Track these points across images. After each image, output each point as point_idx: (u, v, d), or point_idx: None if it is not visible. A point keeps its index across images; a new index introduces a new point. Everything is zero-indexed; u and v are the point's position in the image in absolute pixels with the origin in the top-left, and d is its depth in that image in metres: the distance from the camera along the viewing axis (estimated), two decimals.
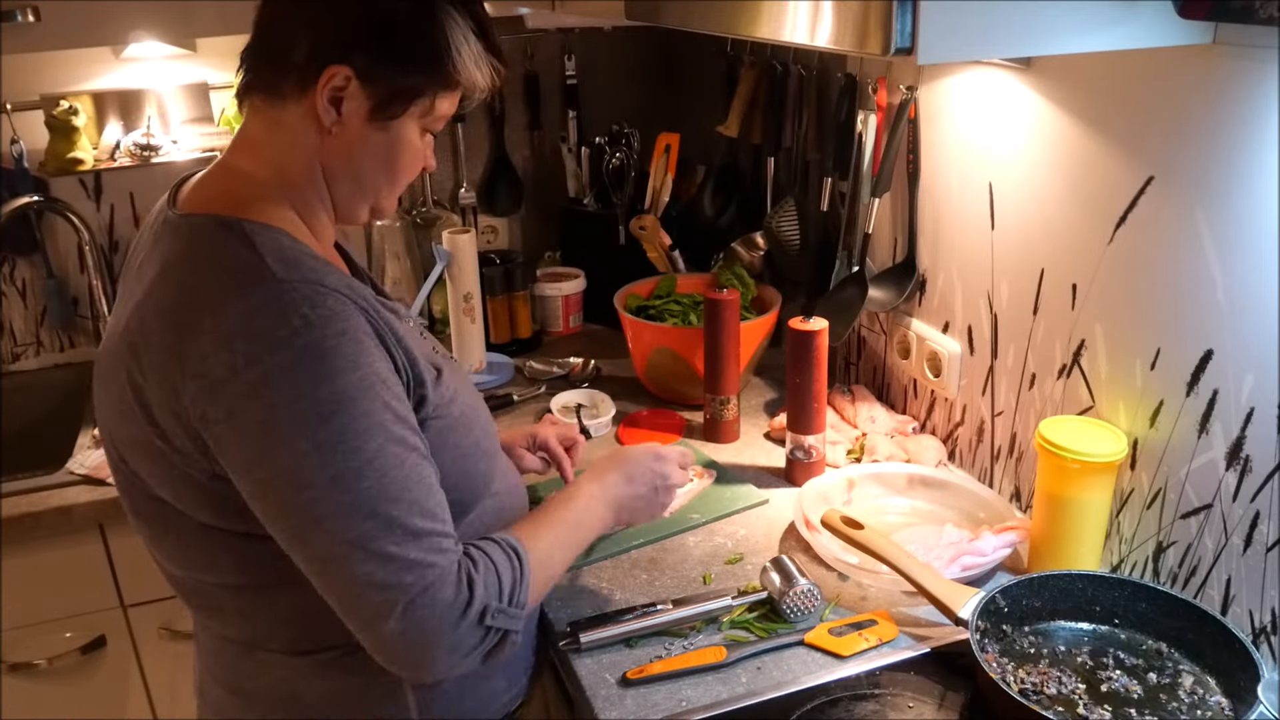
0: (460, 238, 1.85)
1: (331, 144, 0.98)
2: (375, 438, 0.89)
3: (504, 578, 0.97)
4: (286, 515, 0.90)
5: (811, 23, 0.94)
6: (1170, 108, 1.10)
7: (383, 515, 0.89)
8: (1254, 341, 1.06)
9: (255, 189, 0.98)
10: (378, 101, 0.97)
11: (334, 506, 0.88)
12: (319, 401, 0.87)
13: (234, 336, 0.87)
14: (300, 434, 0.87)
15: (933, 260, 1.55)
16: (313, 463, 0.87)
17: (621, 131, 2.10)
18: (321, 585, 0.92)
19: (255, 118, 1.00)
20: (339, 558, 0.89)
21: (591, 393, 1.80)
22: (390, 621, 0.89)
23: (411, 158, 1.03)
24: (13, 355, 2.10)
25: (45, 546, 1.63)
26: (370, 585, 0.89)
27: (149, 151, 1.98)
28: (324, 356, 0.87)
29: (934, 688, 1.11)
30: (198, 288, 0.91)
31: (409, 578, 0.89)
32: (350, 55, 0.94)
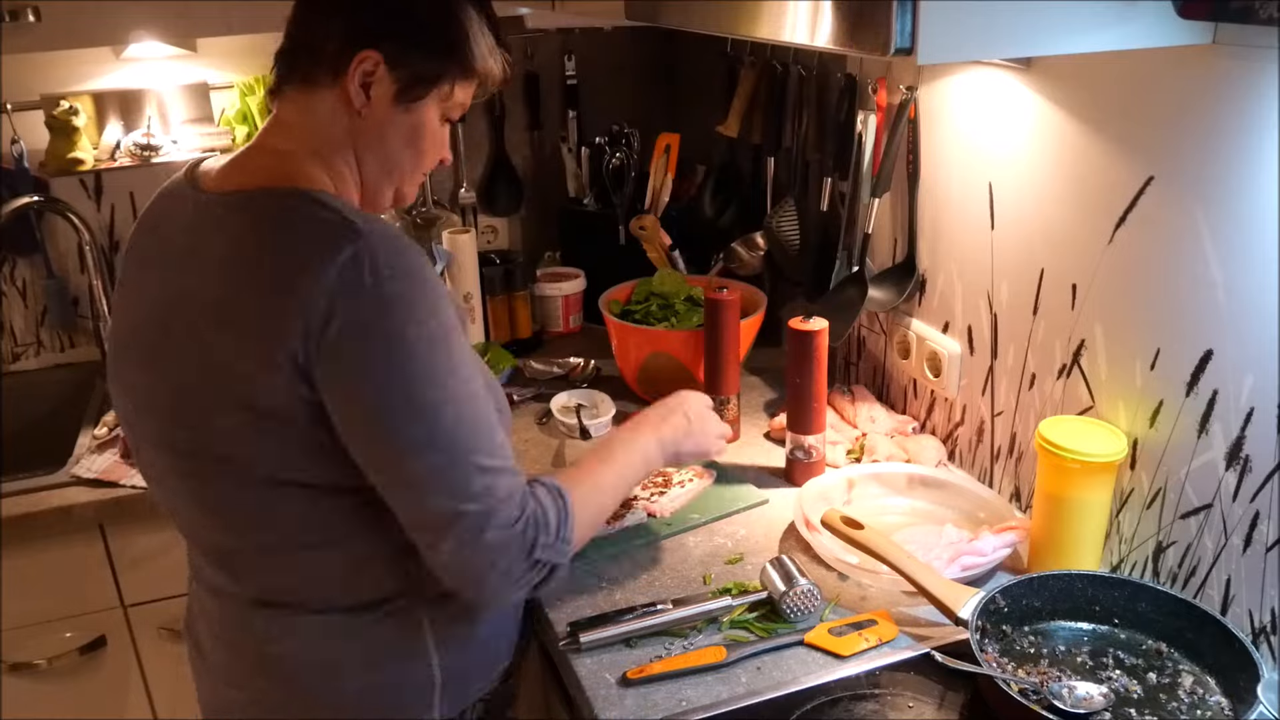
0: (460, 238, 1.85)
1: (361, 125, 1.07)
2: (454, 376, 0.98)
3: (550, 515, 1.05)
4: (376, 444, 0.98)
5: (811, 23, 0.94)
6: (1170, 108, 1.10)
7: (454, 447, 0.98)
8: (1254, 341, 1.06)
9: (299, 165, 1.06)
10: (403, 85, 1.06)
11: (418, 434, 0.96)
12: (410, 341, 0.95)
13: (339, 283, 0.93)
14: (397, 369, 0.95)
15: (933, 260, 1.55)
16: (405, 396, 0.96)
17: (621, 131, 2.10)
18: (402, 501, 1.00)
19: (289, 106, 1.08)
20: (417, 482, 0.98)
21: (591, 393, 1.80)
22: (452, 541, 0.98)
23: (433, 141, 1.12)
24: (13, 355, 2.10)
25: (45, 546, 1.63)
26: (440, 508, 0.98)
27: (149, 151, 1.98)
28: (411, 301, 0.96)
29: (934, 688, 1.11)
30: (292, 251, 0.96)
31: (471, 506, 0.98)
32: (379, 42, 1.04)
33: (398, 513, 1.01)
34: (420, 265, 0.99)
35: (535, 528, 1.02)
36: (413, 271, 0.97)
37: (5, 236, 1.98)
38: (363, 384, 0.95)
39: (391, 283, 0.95)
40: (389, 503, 1.01)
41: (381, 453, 0.98)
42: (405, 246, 0.98)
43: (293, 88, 1.07)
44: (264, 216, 1.01)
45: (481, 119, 2.26)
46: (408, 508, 1.00)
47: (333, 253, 0.95)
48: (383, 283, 0.94)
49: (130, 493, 1.64)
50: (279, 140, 1.08)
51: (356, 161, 1.10)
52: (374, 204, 1.13)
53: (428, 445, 0.97)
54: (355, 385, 0.96)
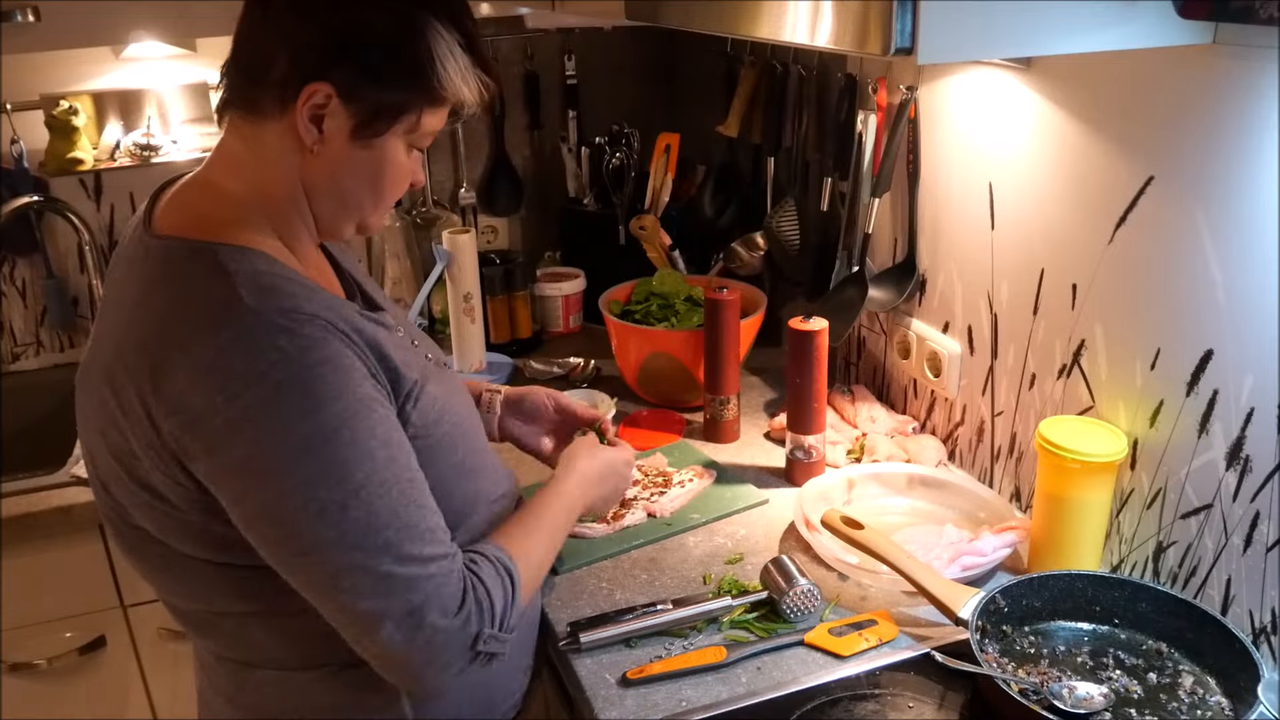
0: (460, 238, 1.85)
1: (313, 163, 0.95)
2: (362, 467, 0.88)
3: (496, 603, 0.96)
4: (275, 546, 0.90)
5: (811, 23, 0.94)
6: (1170, 108, 1.10)
7: (371, 544, 0.88)
8: (1254, 341, 1.06)
9: (233, 210, 0.96)
10: (361, 120, 0.94)
11: (322, 539, 0.87)
12: (302, 436, 0.86)
13: (210, 372, 0.85)
14: (285, 470, 0.86)
15: (933, 260, 1.55)
16: (298, 498, 0.86)
17: (621, 131, 2.10)
18: (318, 606, 0.92)
19: (233, 134, 0.97)
20: (329, 586, 0.89)
21: (591, 393, 1.80)
22: (379, 643, 0.90)
23: (397, 176, 1.00)
24: (13, 355, 2.10)
25: (45, 546, 1.63)
26: (359, 609, 0.89)
27: (149, 151, 1.98)
28: (305, 388, 0.86)
29: (934, 688, 1.11)
30: (170, 322, 0.88)
31: (395, 602, 0.89)
32: (331, 72, 0.91)
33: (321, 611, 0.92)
34: (319, 343, 0.87)
35: (480, 619, 0.94)
36: (307, 354, 0.86)
37: (5, 236, 1.98)
38: (253, 486, 0.86)
39: (281, 368, 0.85)
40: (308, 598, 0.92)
41: (286, 557, 0.90)
42: (300, 325, 0.87)
43: (237, 112, 0.96)
44: (165, 273, 0.91)
45: (481, 119, 2.26)
46: (328, 609, 0.91)
47: (212, 334, 0.85)
48: (269, 371, 0.84)
49: None
50: (223, 177, 0.97)
51: (309, 201, 0.98)
52: (333, 237, 1.04)
53: (338, 545, 0.87)
54: (244, 487, 0.87)
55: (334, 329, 0.90)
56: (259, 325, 0.86)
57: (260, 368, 0.85)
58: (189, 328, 0.87)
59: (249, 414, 0.84)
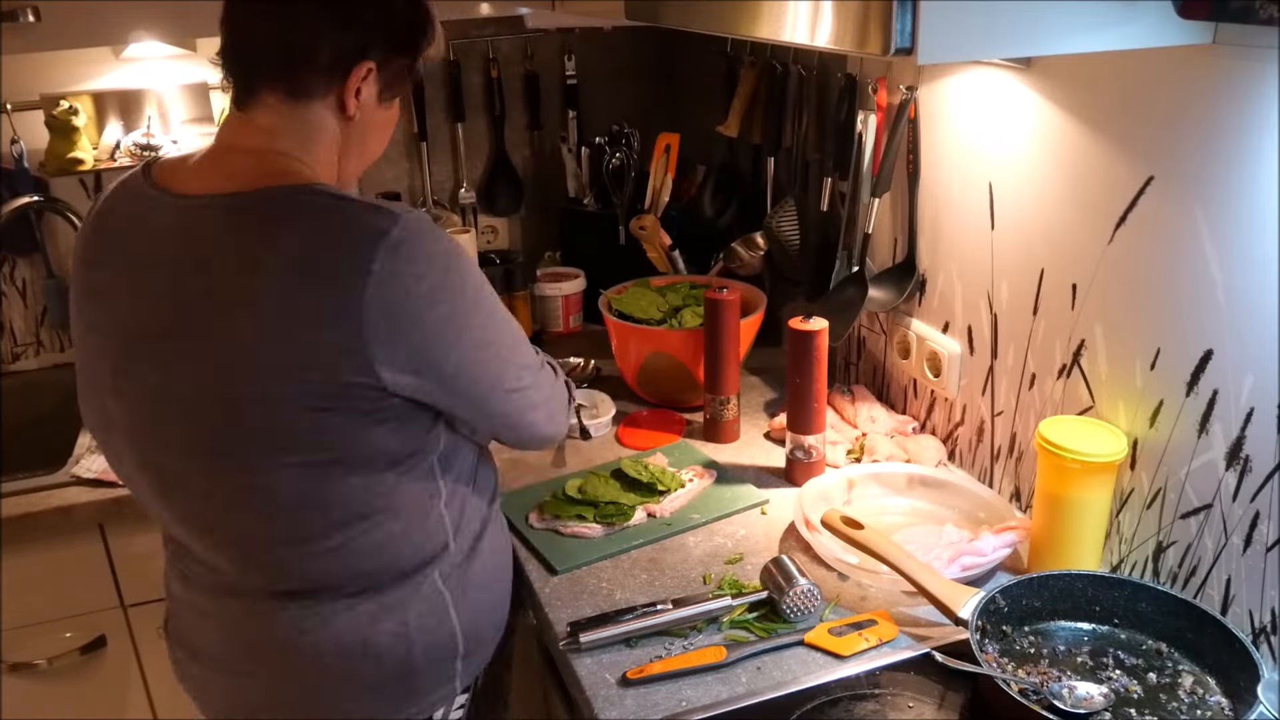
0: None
1: (348, 128, 1.12)
2: (497, 298, 1.14)
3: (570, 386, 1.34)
4: (485, 370, 1.10)
5: (811, 23, 0.94)
6: (1170, 108, 1.10)
7: (522, 344, 1.18)
8: (1254, 341, 1.06)
9: (286, 162, 1.07)
10: (385, 85, 1.12)
11: (507, 346, 1.14)
12: (475, 284, 1.08)
13: (393, 269, 0.99)
14: (474, 309, 1.08)
15: (933, 260, 1.55)
16: (492, 323, 1.11)
17: (621, 131, 2.11)
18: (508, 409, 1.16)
19: (268, 113, 1.08)
20: (515, 378, 1.15)
21: (591, 393, 1.80)
22: (548, 407, 1.22)
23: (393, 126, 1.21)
24: (13, 355, 2.10)
25: (45, 546, 1.63)
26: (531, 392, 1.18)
27: (149, 151, 1.98)
28: (458, 254, 1.06)
29: (934, 688, 1.11)
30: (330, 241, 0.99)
31: (547, 381, 1.24)
32: (370, 51, 1.07)
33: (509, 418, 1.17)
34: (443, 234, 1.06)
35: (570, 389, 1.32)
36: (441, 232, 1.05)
37: (5, 236, 1.98)
38: (462, 328, 1.06)
39: (440, 251, 1.03)
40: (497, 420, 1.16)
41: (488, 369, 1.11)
42: (423, 214, 1.05)
43: (277, 96, 1.07)
44: (294, 211, 1.02)
45: (481, 119, 2.27)
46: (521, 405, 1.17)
47: (379, 241, 0.99)
48: (434, 254, 1.02)
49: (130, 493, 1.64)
50: (255, 140, 1.08)
51: (338, 158, 1.13)
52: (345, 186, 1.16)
53: (513, 346, 1.15)
54: (455, 334, 1.05)
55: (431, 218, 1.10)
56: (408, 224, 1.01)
57: (427, 250, 1.02)
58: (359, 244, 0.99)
59: (437, 283, 1.03)
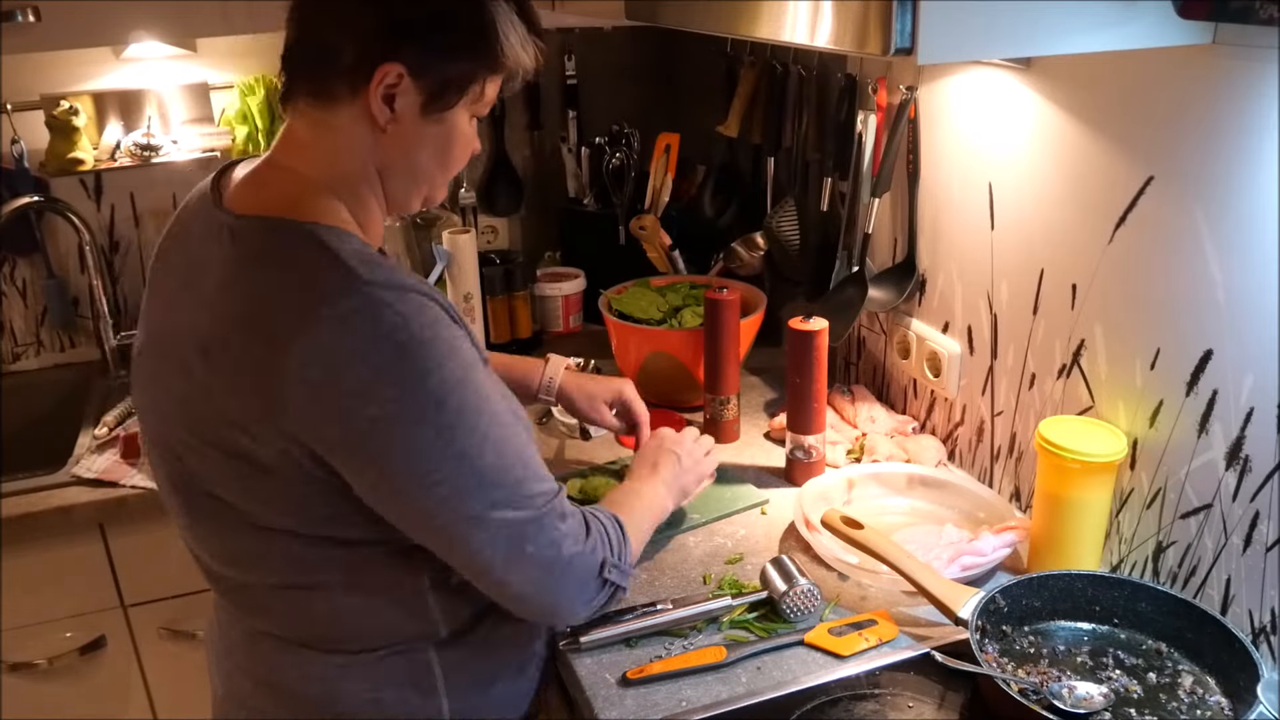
0: (460, 238, 1.85)
1: (387, 142, 0.98)
2: (484, 414, 0.94)
3: (612, 536, 1.06)
4: (411, 502, 0.93)
5: (811, 23, 0.94)
6: (1170, 108, 1.10)
7: (506, 482, 0.95)
8: (1254, 341, 1.06)
9: (314, 191, 0.97)
10: (430, 95, 0.96)
11: (462, 485, 0.93)
12: (431, 390, 0.90)
13: (335, 342, 0.88)
14: (421, 420, 0.90)
15: (933, 260, 1.55)
16: (438, 448, 0.91)
17: (621, 131, 2.10)
18: (452, 555, 0.97)
19: (301, 121, 0.99)
20: (471, 530, 0.94)
21: None
22: (521, 576, 0.97)
23: (464, 145, 1.05)
24: (13, 355, 2.10)
25: (45, 546, 1.63)
26: (501, 547, 0.95)
27: (149, 151, 1.98)
28: (425, 347, 0.90)
29: (934, 688, 1.11)
30: (280, 296, 0.90)
31: (536, 534, 0.97)
32: (400, 52, 0.93)
33: (454, 561, 0.98)
34: (427, 307, 0.91)
35: (604, 545, 1.04)
36: (420, 316, 0.90)
37: (5, 236, 1.98)
38: (389, 445, 0.90)
39: (401, 331, 0.88)
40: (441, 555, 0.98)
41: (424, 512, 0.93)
42: (407, 292, 0.91)
43: (305, 100, 0.97)
44: (262, 251, 0.93)
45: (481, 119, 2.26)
46: (465, 556, 0.96)
47: (328, 306, 0.88)
48: (390, 334, 0.88)
49: (130, 493, 1.64)
50: (295, 160, 0.99)
51: (380, 177, 1.00)
52: (402, 211, 1.07)
53: (477, 489, 0.93)
54: (379, 447, 0.90)
55: (430, 297, 0.94)
56: (374, 295, 0.89)
57: (381, 331, 0.88)
58: (304, 301, 0.89)
59: (378, 376, 0.88)
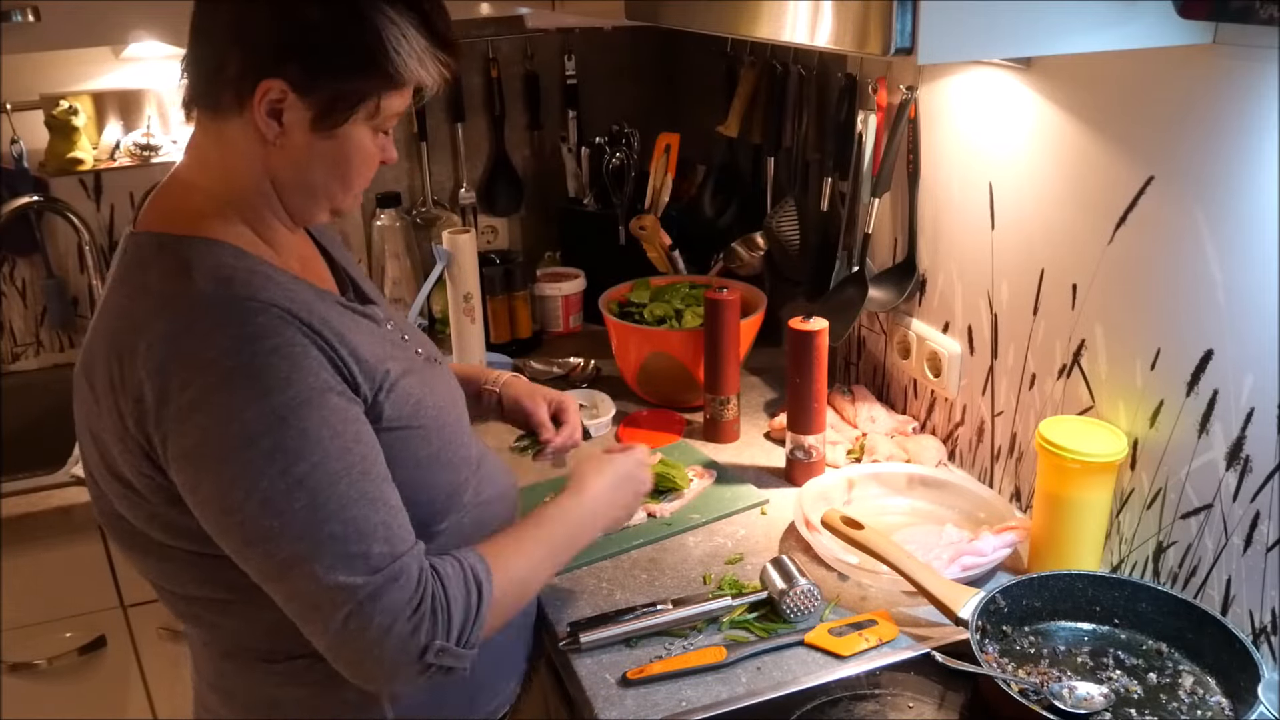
0: (460, 238, 1.85)
1: (277, 156, 0.96)
2: (307, 457, 0.87)
3: (455, 616, 0.93)
4: (224, 535, 0.90)
5: (811, 23, 0.94)
6: (1170, 108, 1.10)
7: (315, 536, 0.87)
8: (1254, 341, 1.06)
9: (204, 204, 0.96)
10: (319, 110, 0.93)
11: (266, 529, 0.87)
12: (246, 423, 0.86)
13: (164, 360, 0.86)
14: (229, 457, 0.86)
15: (933, 260, 1.55)
16: (243, 486, 0.86)
17: (621, 131, 2.10)
18: (270, 588, 0.92)
19: (200, 130, 0.98)
20: (276, 576, 0.90)
21: (591, 393, 1.80)
22: (325, 636, 0.90)
23: (363, 161, 1.00)
24: (13, 355, 2.10)
25: (45, 546, 1.63)
26: (304, 602, 0.90)
27: (149, 151, 1.98)
28: (253, 375, 0.86)
29: (934, 688, 1.11)
30: (132, 311, 0.90)
31: (339, 598, 0.88)
32: (282, 68, 0.90)
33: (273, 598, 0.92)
34: (269, 333, 0.87)
35: (433, 629, 0.91)
36: (257, 341, 0.87)
37: (5, 236, 1.98)
38: (203, 474, 0.87)
39: (231, 355, 0.85)
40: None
41: (236, 546, 0.90)
42: (254, 313, 0.87)
43: (200, 109, 0.96)
44: (131, 265, 0.93)
45: (481, 119, 2.26)
46: (278, 598, 0.91)
47: (167, 322, 0.87)
48: (219, 359, 0.85)
49: None
50: (195, 173, 0.99)
51: (276, 190, 0.98)
52: (306, 223, 1.05)
53: (281, 536, 0.87)
54: (195, 475, 0.88)
55: (292, 317, 0.90)
56: (210, 313, 0.87)
57: (210, 355, 0.86)
58: (145, 315, 0.89)
59: (197, 402, 0.85)
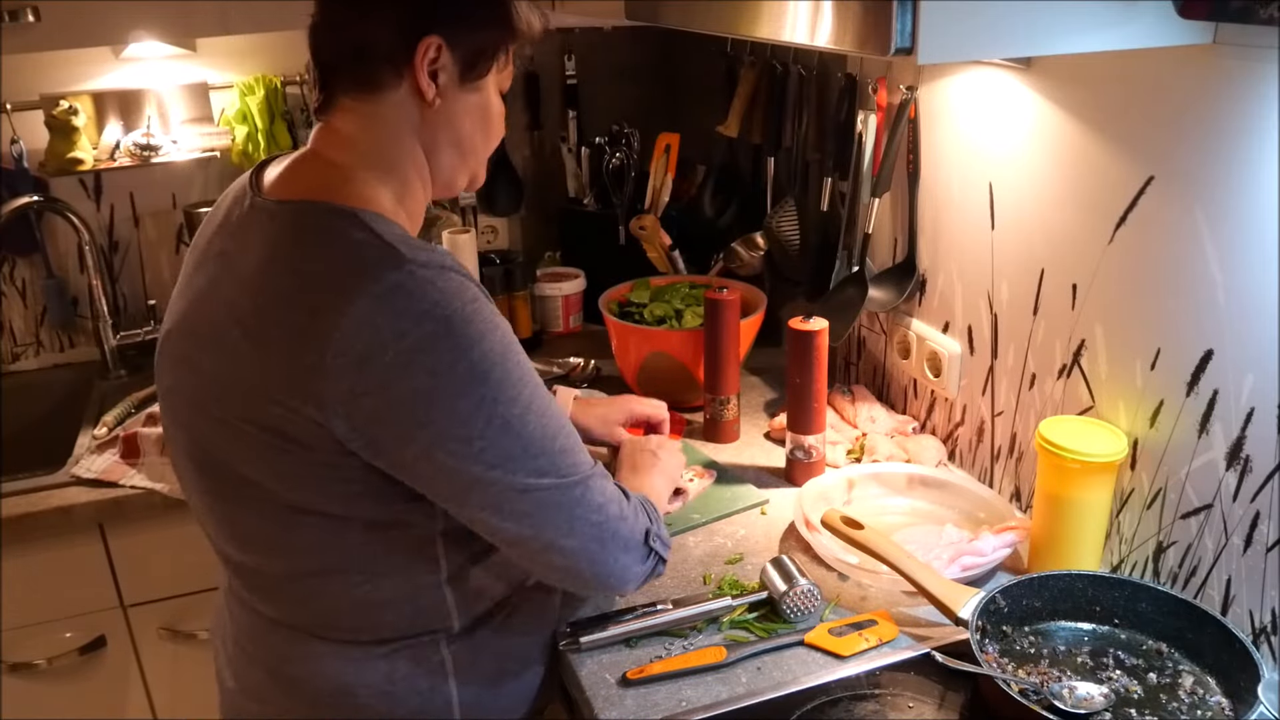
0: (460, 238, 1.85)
1: (433, 117, 1.03)
2: (526, 386, 0.97)
3: (649, 509, 1.10)
4: (454, 472, 0.95)
5: (811, 23, 0.94)
6: (1170, 108, 1.10)
7: (550, 450, 0.98)
8: (1254, 341, 1.06)
9: (354, 177, 1.02)
10: (465, 64, 1.02)
11: (508, 451, 0.95)
12: (473, 362, 0.93)
13: (377, 316, 0.90)
14: (463, 391, 0.93)
15: (933, 260, 1.55)
16: (481, 416, 0.94)
17: (621, 131, 2.10)
18: (498, 527, 0.99)
19: (346, 117, 1.03)
20: (517, 499, 0.97)
21: (591, 393, 1.80)
22: (572, 545, 1.00)
23: (499, 115, 1.10)
24: (13, 355, 2.09)
25: (45, 546, 1.63)
26: (549, 514, 0.99)
27: (149, 151, 1.98)
28: (466, 322, 0.93)
29: (934, 688, 1.11)
30: (324, 272, 0.93)
31: (581, 501, 1.00)
32: (435, 25, 1.00)
33: (500, 534, 0.99)
34: (467, 286, 0.95)
35: (645, 516, 1.08)
36: (461, 294, 0.94)
37: (5, 236, 1.98)
38: (431, 415, 0.92)
39: (442, 306, 0.92)
40: (486, 531, 1.00)
41: (469, 480, 0.96)
42: (447, 271, 0.94)
43: (348, 99, 1.02)
44: (304, 230, 0.96)
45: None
46: (512, 527, 0.98)
47: (371, 281, 0.91)
48: (431, 310, 0.91)
49: (130, 493, 1.64)
50: (336, 151, 1.03)
51: (427, 156, 1.06)
52: (449, 191, 1.11)
53: (522, 455, 0.96)
54: (421, 418, 0.92)
55: (469, 279, 0.97)
56: (415, 273, 0.92)
57: (424, 307, 0.91)
58: (348, 276, 0.92)
59: (421, 346, 0.91)
